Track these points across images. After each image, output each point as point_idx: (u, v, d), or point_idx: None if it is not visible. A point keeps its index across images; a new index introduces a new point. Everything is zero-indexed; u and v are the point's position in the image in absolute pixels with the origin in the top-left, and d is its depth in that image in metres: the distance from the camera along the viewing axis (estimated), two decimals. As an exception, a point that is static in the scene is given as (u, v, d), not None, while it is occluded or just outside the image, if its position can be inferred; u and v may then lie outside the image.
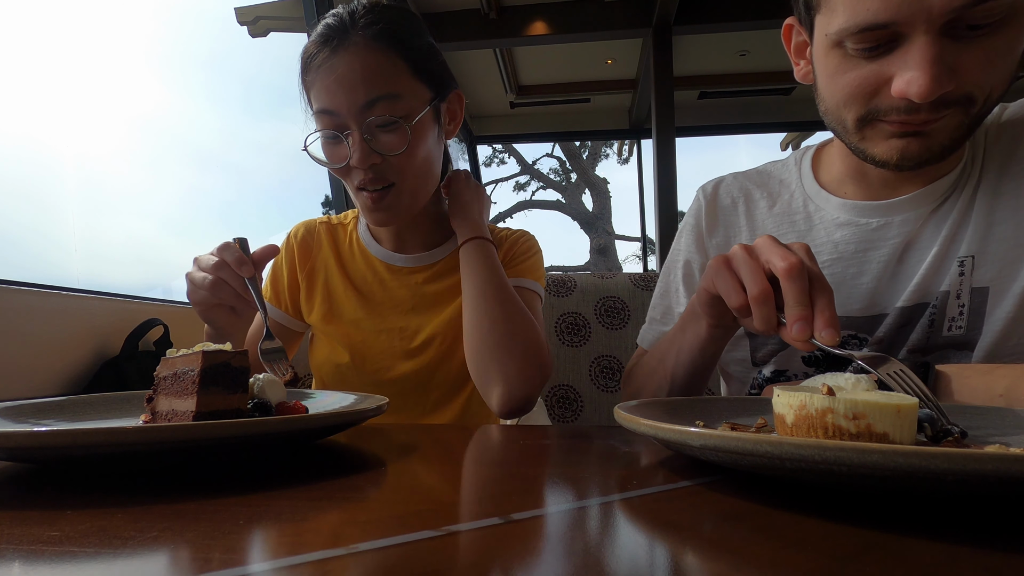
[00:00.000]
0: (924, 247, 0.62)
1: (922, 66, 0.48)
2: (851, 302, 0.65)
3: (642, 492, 0.32)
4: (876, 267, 0.63)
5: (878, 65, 0.52)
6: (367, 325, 0.85)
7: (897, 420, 0.33)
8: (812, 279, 0.47)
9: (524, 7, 3.53)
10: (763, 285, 0.48)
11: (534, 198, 11.14)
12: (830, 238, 0.66)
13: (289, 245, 0.91)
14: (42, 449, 0.34)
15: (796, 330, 0.45)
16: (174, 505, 0.30)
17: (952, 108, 0.52)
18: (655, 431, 0.34)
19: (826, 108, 0.60)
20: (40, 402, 0.52)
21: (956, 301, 0.60)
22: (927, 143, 0.54)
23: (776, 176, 0.75)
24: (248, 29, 3.39)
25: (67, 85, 2.25)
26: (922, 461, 0.23)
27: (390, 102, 0.72)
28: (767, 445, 0.27)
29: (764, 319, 0.48)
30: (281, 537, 0.26)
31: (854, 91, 0.54)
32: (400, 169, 0.75)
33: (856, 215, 0.65)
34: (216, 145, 6.02)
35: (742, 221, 0.74)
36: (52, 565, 0.22)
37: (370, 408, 0.46)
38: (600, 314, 1.22)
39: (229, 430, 0.35)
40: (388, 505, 0.31)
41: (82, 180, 2.21)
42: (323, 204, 6.16)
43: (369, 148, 0.72)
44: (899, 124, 0.53)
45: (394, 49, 0.73)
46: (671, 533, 0.26)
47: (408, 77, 0.74)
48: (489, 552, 0.23)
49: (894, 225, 0.63)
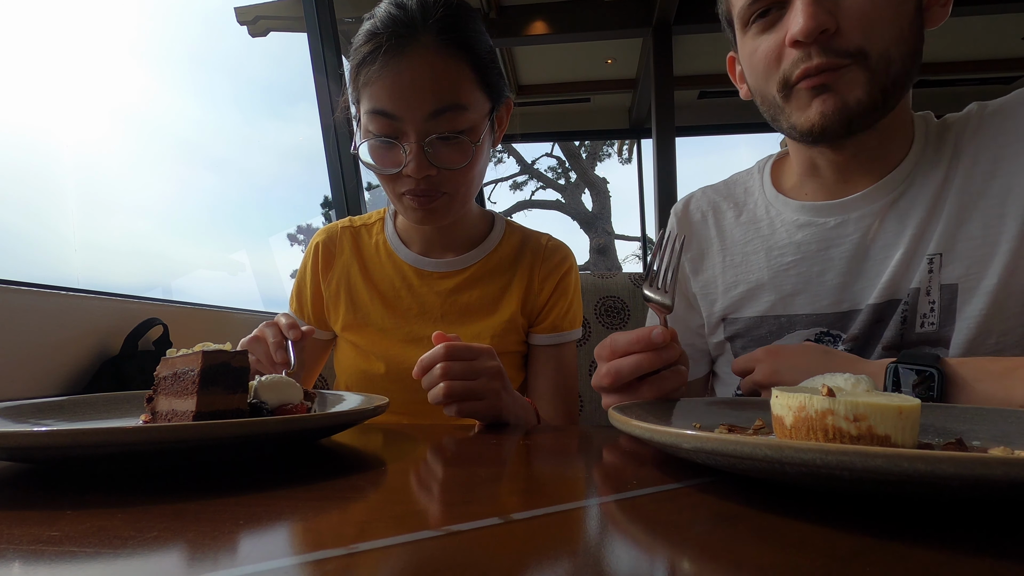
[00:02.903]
0: (889, 243, 0.64)
1: (801, 9, 0.56)
2: (819, 299, 0.67)
3: (642, 492, 0.32)
4: (839, 264, 0.66)
5: (776, 33, 0.60)
6: (395, 334, 0.83)
7: (899, 422, 0.32)
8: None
9: (524, 7, 3.54)
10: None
11: (533, 198, 11.13)
12: (792, 239, 0.69)
13: (313, 254, 0.89)
14: (42, 449, 0.34)
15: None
16: (174, 505, 0.30)
17: (849, 62, 0.56)
18: (650, 434, 0.33)
19: (761, 99, 0.65)
20: (40, 402, 0.52)
21: (927, 298, 0.61)
22: (840, 98, 0.58)
23: (741, 184, 0.79)
24: (248, 29, 3.39)
25: (67, 85, 2.25)
26: (928, 466, 0.23)
27: (456, 113, 0.68)
28: (766, 449, 0.26)
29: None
30: (281, 537, 0.26)
31: (766, 62, 0.61)
32: (455, 182, 0.72)
33: (814, 215, 0.68)
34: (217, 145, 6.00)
35: (712, 233, 0.78)
36: (52, 565, 0.22)
37: (370, 408, 0.46)
38: (600, 314, 1.22)
39: (229, 430, 0.35)
40: (388, 505, 0.31)
41: (82, 180, 2.21)
42: (322, 204, 6.16)
43: (427, 160, 0.69)
44: (807, 81, 0.58)
45: (464, 55, 0.69)
46: (671, 533, 0.26)
47: (473, 87, 0.70)
48: (489, 552, 0.23)
49: (851, 222, 0.65)
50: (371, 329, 0.84)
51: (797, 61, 0.58)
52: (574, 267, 0.90)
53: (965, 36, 3.93)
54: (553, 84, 4.84)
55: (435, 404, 0.58)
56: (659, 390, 0.51)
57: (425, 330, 0.82)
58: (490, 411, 0.60)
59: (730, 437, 0.28)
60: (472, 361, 0.59)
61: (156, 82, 4.33)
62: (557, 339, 0.85)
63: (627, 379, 0.50)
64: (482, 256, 0.86)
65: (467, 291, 0.84)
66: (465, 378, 0.58)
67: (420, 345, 0.82)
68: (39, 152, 1.96)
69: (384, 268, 0.86)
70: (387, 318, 0.84)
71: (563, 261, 0.88)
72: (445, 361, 0.57)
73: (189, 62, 6.77)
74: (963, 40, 4.00)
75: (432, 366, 0.58)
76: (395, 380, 0.81)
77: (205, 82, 6.14)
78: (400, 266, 0.86)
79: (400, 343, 0.83)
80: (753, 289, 0.72)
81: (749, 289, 0.72)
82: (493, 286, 0.85)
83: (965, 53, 4.22)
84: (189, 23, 5.88)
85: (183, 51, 5.65)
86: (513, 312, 0.84)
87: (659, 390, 0.51)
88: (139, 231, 3.22)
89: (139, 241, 2.97)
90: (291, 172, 4.85)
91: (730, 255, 0.75)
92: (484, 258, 0.86)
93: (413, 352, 0.81)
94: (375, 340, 0.84)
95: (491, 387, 0.59)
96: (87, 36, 2.64)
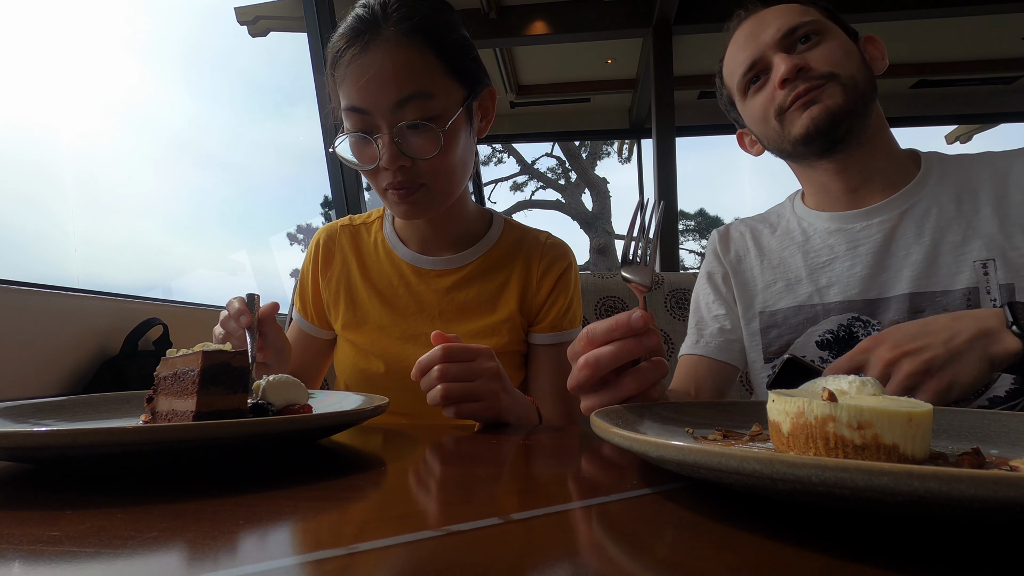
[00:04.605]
0: (910, 242, 0.75)
1: (781, 62, 0.74)
2: (850, 289, 0.77)
3: (642, 492, 0.32)
4: (866, 258, 0.77)
5: (767, 88, 0.77)
6: (394, 331, 0.83)
7: (908, 430, 0.29)
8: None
9: (524, 7, 3.53)
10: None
11: (533, 198, 11.13)
12: (826, 243, 0.81)
13: (313, 253, 0.90)
14: (42, 449, 0.34)
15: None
16: (174, 505, 0.30)
17: (825, 83, 0.72)
18: (629, 443, 0.31)
19: (767, 140, 0.81)
20: (40, 402, 0.52)
21: (987, 296, 0.70)
22: (824, 106, 0.72)
23: (775, 212, 0.92)
24: (248, 29, 3.39)
25: (67, 85, 2.24)
26: (943, 486, 0.20)
27: (422, 101, 0.69)
28: (755, 463, 0.23)
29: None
30: (281, 537, 0.26)
31: (764, 107, 0.78)
32: (431, 172, 0.72)
33: (842, 223, 0.80)
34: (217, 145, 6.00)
35: (750, 244, 0.90)
36: (52, 565, 0.22)
37: (370, 408, 0.46)
38: (600, 314, 1.22)
39: (229, 430, 0.35)
40: (388, 505, 0.31)
41: (82, 180, 2.21)
42: (322, 204, 6.15)
43: (399, 150, 0.69)
44: (795, 99, 0.73)
45: (428, 45, 0.70)
46: (672, 533, 0.26)
47: (441, 75, 0.71)
48: (489, 552, 0.23)
49: (874, 225, 0.77)
50: (369, 327, 0.84)
51: (786, 94, 0.74)
52: (573, 265, 0.89)
53: (965, 36, 3.92)
54: (553, 84, 4.83)
55: (433, 406, 0.58)
56: (641, 383, 0.49)
57: (423, 328, 0.82)
58: (488, 412, 0.60)
59: (715, 449, 0.25)
60: (470, 362, 0.59)
61: (162, 83, 4.34)
62: (557, 338, 0.85)
63: (607, 369, 0.48)
64: (480, 254, 0.86)
65: (465, 289, 0.84)
66: (463, 380, 0.58)
67: (418, 343, 0.82)
68: (39, 152, 1.96)
69: (382, 266, 0.86)
70: (385, 316, 0.84)
71: (562, 259, 0.87)
72: (442, 363, 0.57)
73: (200, 65, 6.78)
74: (963, 40, 4.00)
75: (430, 368, 0.58)
76: (395, 379, 0.81)
77: (210, 84, 6.14)
78: (398, 264, 0.86)
79: (398, 341, 0.83)
80: (791, 283, 0.82)
81: (788, 284, 0.83)
82: (491, 284, 0.85)
83: (965, 53, 4.22)
84: (208, 26, 5.88)
85: (184, 52, 5.65)
86: (511, 311, 0.83)
87: (641, 383, 0.49)
88: (139, 230, 3.22)
89: (140, 238, 2.97)
90: (291, 172, 4.86)
91: (768, 260, 0.86)
92: (482, 256, 0.85)
93: (411, 350, 0.81)
94: (374, 339, 0.83)
95: (489, 388, 0.59)
96: (86, 37, 2.64)
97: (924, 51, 4.08)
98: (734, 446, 0.33)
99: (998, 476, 0.19)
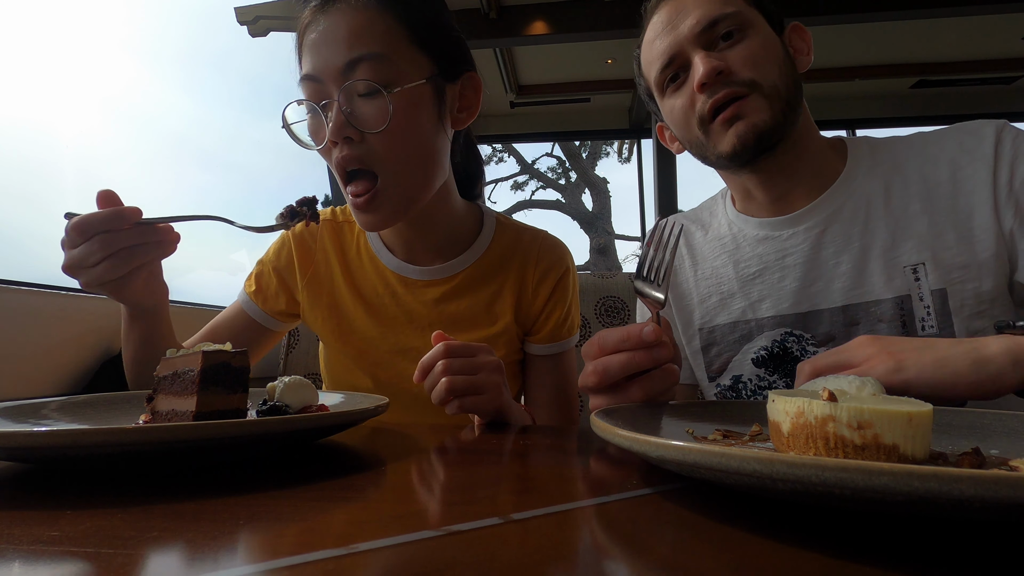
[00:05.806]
0: (839, 250, 0.71)
1: (700, 62, 0.68)
2: (781, 303, 0.74)
3: (642, 492, 0.32)
4: (795, 270, 0.74)
5: (686, 89, 0.71)
6: (382, 344, 0.78)
7: (909, 430, 0.29)
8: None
9: (524, 7, 3.53)
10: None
11: (533, 198, 11.13)
12: (755, 252, 0.77)
13: (285, 245, 0.83)
14: (42, 449, 0.34)
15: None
16: (174, 505, 0.30)
17: (747, 92, 0.67)
18: (629, 443, 0.31)
19: (689, 144, 0.76)
20: (40, 402, 0.52)
21: (920, 303, 0.67)
22: (749, 122, 0.67)
23: (707, 208, 0.89)
24: (248, 29, 3.39)
25: (68, 85, 2.25)
26: (943, 486, 0.20)
27: (373, 63, 0.63)
28: (755, 463, 0.23)
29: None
30: (281, 537, 0.26)
31: (683, 111, 0.72)
32: (381, 152, 0.65)
33: (770, 229, 0.76)
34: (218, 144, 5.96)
35: (683, 251, 0.86)
36: (52, 565, 0.22)
37: (370, 408, 0.46)
38: (600, 314, 1.22)
39: (229, 430, 0.35)
40: (388, 505, 0.31)
41: (82, 180, 2.21)
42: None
43: (345, 119, 0.63)
44: (720, 116, 0.68)
45: (390, 9, 0.65)
46: (672, 532, 0.26)
47: (403, 41, 0.65)
48: (489, 552, 0.23)
49: (800, 233, 0.74)
50: (356, 338, 0.79)
51: (706, 100, 0.68)
52: (571, 268, 0.85)
53: (965, 36, 3.92)
54: (553, 84, 4.83)
55: (438, 403, 0.58)
56: (648, 390, 0.49)
57: (413, 342, 0.78)
58: (491, 405, 0.60)
59: (715, 449, 0.25)
60: (472, 357, 0.59)
61: (162, 83, 4.34)
62: (556, 348, 0.83)
63: (615, 378, 0.49)
64: (471, 261, 0.80)
65: (455, 300, 0.79)
66: (466, 373, 0.57)
67: (408, 357, 0.77)
68: (41, 147, 1.96)
69: (366, 272, 0.80)
70: (372, 327, 0.79)
71: (559, 263, 0.83)
72: (445, 358, 0.57)
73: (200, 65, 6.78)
74: (963, 40, 4.00)
75: (432, 365, 0.58)
76: (386, 395, 0.80)
77: (210, 84, 6.14)
78: (383, 272, 0.80)
79: (388, 354, 0.79)
80: (725, 298, 0.79)
81: (722, 298, 0.79)
82: (484, 294, 0.80)
83: (965, 53, 4.21)
84: (208, 26, 5.89)
85: (195, 55, 5.65)
86: (507, 322, 0.80)
87: (648, 390, 0.49)
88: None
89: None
90: (290, 171, 4.87)
91: (701, 269, 0.83)
92: (473, 264, 0.80)
93: (403, 364, 0.78)
94: (361, 351, 0.79)
95: (492, 380, 0.59)
96: (87, 37, 2.64)
97: (924, 51, 4.07)
98: (734, 446, 0.33)
99: (998, 476, 0.19)
